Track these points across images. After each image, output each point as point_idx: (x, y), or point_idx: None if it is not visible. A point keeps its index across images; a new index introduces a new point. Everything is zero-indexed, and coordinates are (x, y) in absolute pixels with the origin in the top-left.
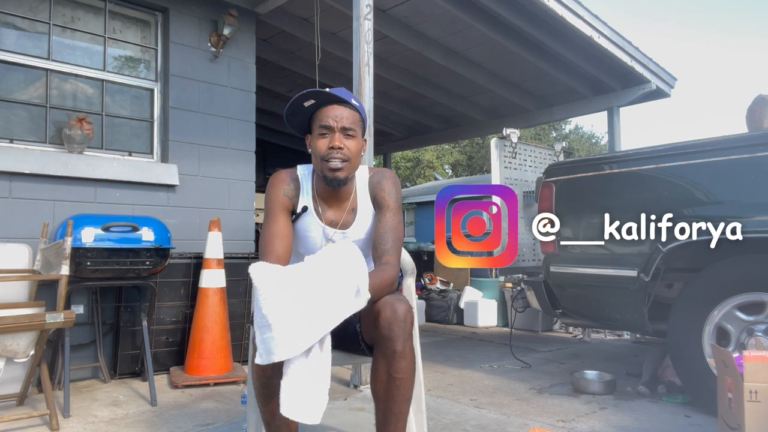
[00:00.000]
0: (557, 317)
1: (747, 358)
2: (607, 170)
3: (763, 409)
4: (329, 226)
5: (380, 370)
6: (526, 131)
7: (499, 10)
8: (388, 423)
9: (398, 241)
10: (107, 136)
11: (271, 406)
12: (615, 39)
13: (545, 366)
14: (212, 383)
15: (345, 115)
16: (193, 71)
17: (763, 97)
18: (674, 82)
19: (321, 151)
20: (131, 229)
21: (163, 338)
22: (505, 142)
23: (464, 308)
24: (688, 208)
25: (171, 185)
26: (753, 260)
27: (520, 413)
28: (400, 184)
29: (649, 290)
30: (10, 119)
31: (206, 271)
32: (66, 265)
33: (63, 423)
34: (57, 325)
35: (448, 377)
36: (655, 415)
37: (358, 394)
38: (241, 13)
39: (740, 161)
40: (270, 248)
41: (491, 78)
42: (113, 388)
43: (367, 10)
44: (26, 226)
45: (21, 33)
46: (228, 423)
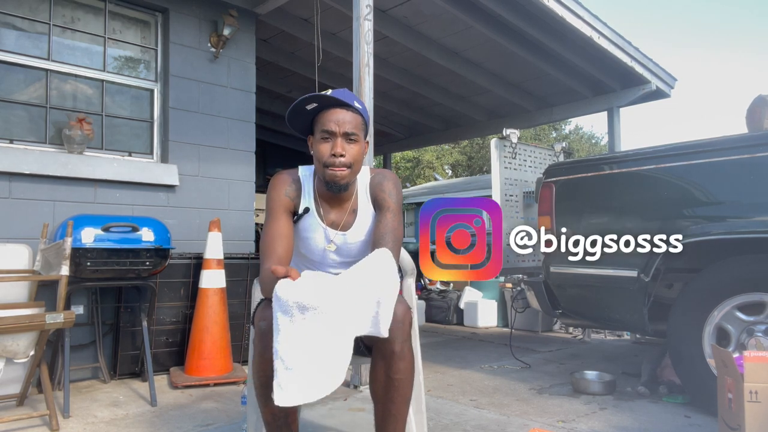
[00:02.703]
0: (557, 317)
1: (747, 358)
2: (607, 170)
3: (763, 410)
4: (330, 227)
5: (379, 371)
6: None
7: (499, 10)
8: (387, 424)
9: (398, 242)
10: (107, 137)
11: (271, 406)
12: (615, 39)
13: (545, 366)
14: (212, 383)
15: (347, 120)
16: (193, 71)
17: (763, 97)
18: (674, 82)
19: (323, 156)
20: (131, 229)
21: (163, 338)
22: (505, 142)
23: (464, 308)
24: (687, 209)
25: (171, 185)
26: (753, 260)
27: (520, 413)
28: (400, 185)
29: (649, 290)
30: (10, 119)
31: (206, 272)
32: (66, 265)
33: (63, 423)
34: (57, 326)
35: (448, 377)
36: (655, 416)
37: (358, 394)
38: (241, 13)
39: (740, 161)
40: (271, 249)
41: (491, 78)
42: (113, 388)
43: (367, 10)
44: (26, 227)
45: (21, 33)
46: (228, 423)
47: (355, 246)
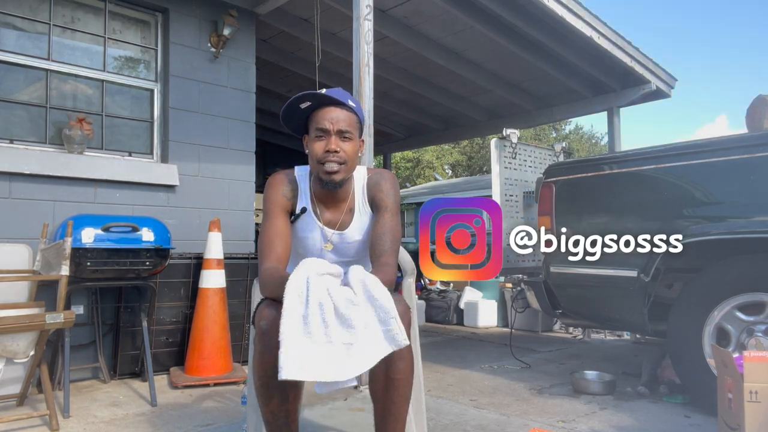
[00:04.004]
0: (557, 317)
1: (747, 358)
2: (607, 170)
3: (763, 410)
4: (327, 226)
5: (378, 371)
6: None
7: (499, 11)
8: (386, 424)
9: (396, 242)
10: (107, 137)
11: (272, 405)
12: (615, 39)
13: (545, 366)
14: (212, 383)
15: (341, 118)
16: (193, 72)
17: (763, 97)
18: (674, 82)
19: (317, 154)
20: (131, 229)
21: (163, 338)
22: (505, 142)
23: (464, 308)
24: (687, 209)
25: (171, 185)
26: (753, 260)
27: (520, 413)
28: (398, 185)
29: (649, 290)
30: (10, 119)
31: (206, 272)
32: (66, 265)
33: (63, 423)
34: (57, 326)
35: (447, 377)
36: (655, 416)
37: (358, 394)
38: (240, 13)
39: (740, 161)
40: (270, 249)
41: (491, 78)
42: (113, 388)
43: (367, 10)
44: (26, 227)
45: (21, 33)
46: (228, 423)
47: (352, 245)
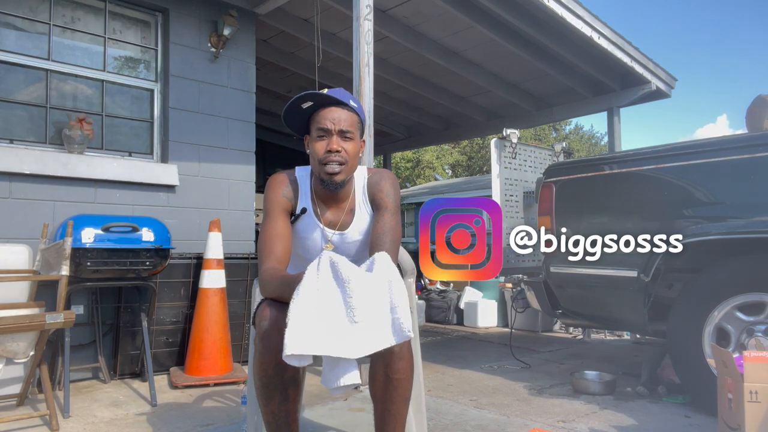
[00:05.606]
0: (557, 318)
1: (747, 358)
2: (607, 170)
3: (763, 410)
4: (328, 227)
5: (378, 371)
6: (526, 132)
7: (499, 11)
8: (386, 424)
9: (396, 242)
10: (107, 137)
11: (272, 405)
12: (615, 39)
13: (545, 366)
14: (212, 383)
15: (343, 118)
16: (193, 72)
17: (763, 97)
18: (674, 82)
19: (319, 154)
20: (131, 229)
21: (163, 338)
22: (505, 142)
23: (464, 308)
24: (687, 209)
25: (171, 185)
26: (753, 260)
27: (520, 413)
28: (398, 185)
29: (649, 291)
30: (10, 119)
31: (206, 272)
32: (66, 265)
33: (63, 423)
34: (57, 326)
35: (447, 377)
36: (655, 416)
37: (358, 394)
38: (240, 13)
39: (740, 161)
40: (270, 249)
41: (491, 78)
42: (113, 388)
43: (367, 10)
44: (26, 227)
45: (21, 33)
46: (228, 423)
47: (353, 245)
